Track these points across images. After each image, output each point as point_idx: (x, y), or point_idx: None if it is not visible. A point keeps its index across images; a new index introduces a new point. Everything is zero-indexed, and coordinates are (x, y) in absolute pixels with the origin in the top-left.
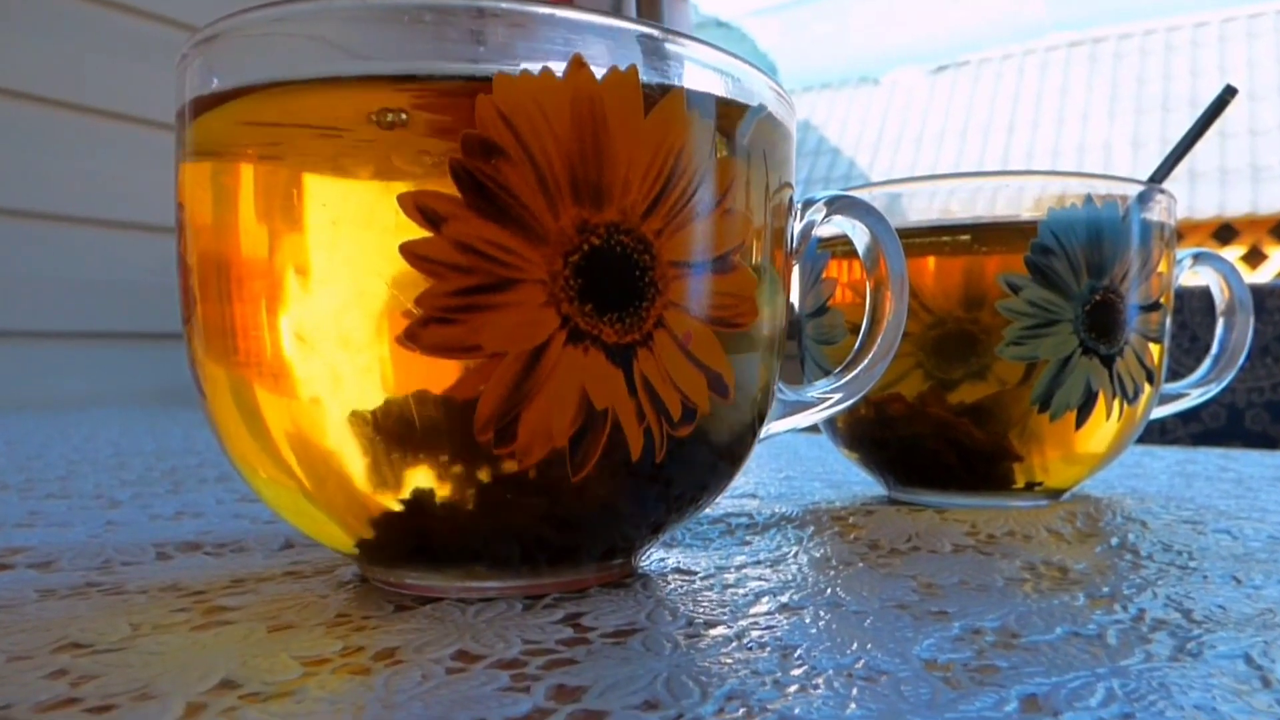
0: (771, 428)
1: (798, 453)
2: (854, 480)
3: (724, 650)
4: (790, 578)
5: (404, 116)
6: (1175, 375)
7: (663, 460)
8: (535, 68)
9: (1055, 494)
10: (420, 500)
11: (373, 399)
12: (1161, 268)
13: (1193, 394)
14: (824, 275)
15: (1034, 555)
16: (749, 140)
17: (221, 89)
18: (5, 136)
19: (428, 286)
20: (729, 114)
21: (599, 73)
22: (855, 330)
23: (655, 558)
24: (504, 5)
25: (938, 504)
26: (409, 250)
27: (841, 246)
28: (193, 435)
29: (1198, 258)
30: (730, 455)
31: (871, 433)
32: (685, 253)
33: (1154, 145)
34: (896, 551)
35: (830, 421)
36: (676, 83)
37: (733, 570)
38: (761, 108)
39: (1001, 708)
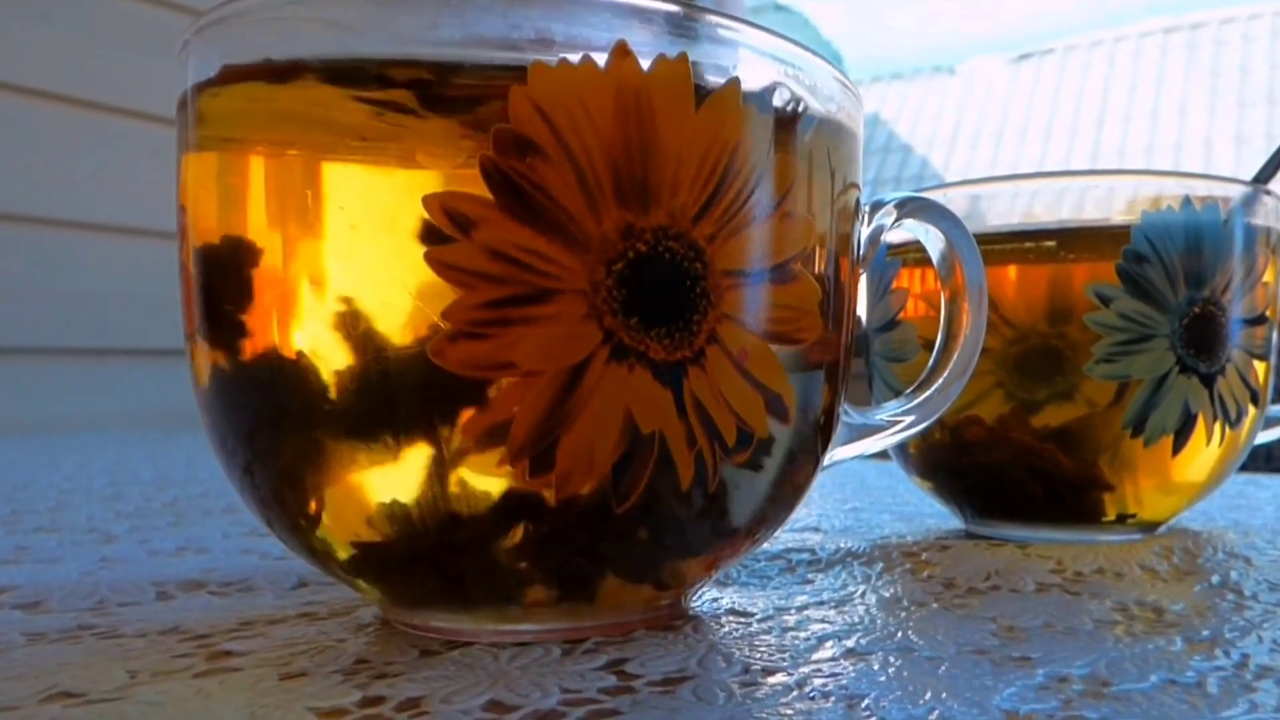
0: (836, 454)
1: (865, 482)
2: (927, 512)
3: (783, 700)
4: (857, 620)
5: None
6: None
7: (716, 490)
8: (575, 56)
9: (1150, 527)
10: (448, 534)
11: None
12: (1267, 277)
13: None
14: (894, 286)
15: (1126, 595)
16: (811, 137)
17: (228, 79)
18: None
19: (456, 298)
20: (789, 110)
21: (645, 62)
22: (928, 346)
23: (708, 598)
24: None
25: (1020, 538)
26: (435, 258)
27: (913, 254)
28: (196, 462)
29: None
30: (790, 484)
31: (947, 460)
32: (741, 260)
33: (1259, 141)
34: (974, 591)
35: (901, 447)
36: (731, 73)
37: (793, 611)
38: (825, 103)
39: None
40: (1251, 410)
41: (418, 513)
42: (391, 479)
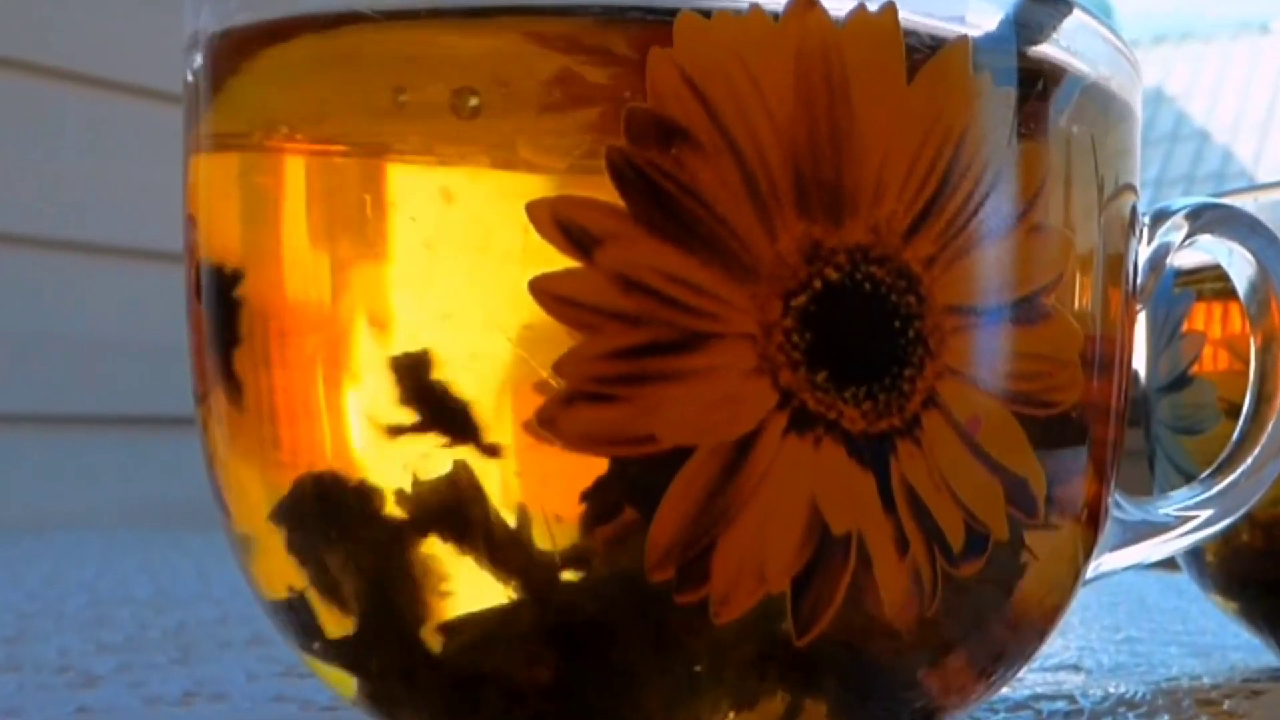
0: (1104, 562)
1: (1144, 601)
2: (1231, 644)
3: None
4: None
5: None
6: None
7: (936, 612)
8: (739, 5)
9: None
10: (563, 671)
11: (489, 516)
12: None
13: None
14: (1185, 328)
15: None
16: (1069, 119)
17: (251, 28)
18: None
19: (574, 345)
20: (1039, 80)
21: (837, 14)
22: (1233, 412)
23: None
24: None
25: None
26: (545, 289)
27: (1211, 283)
28: (209, 574)
29: None
30: (1040, 605)
31: (1259, 570)
32: (970, 292)
33: None
34: None
35: (1195, 554)
36: (957, 29)
37: None
38: (1089, 71)
39: None
40: None
41: (517, 641)
42: (479, 591)
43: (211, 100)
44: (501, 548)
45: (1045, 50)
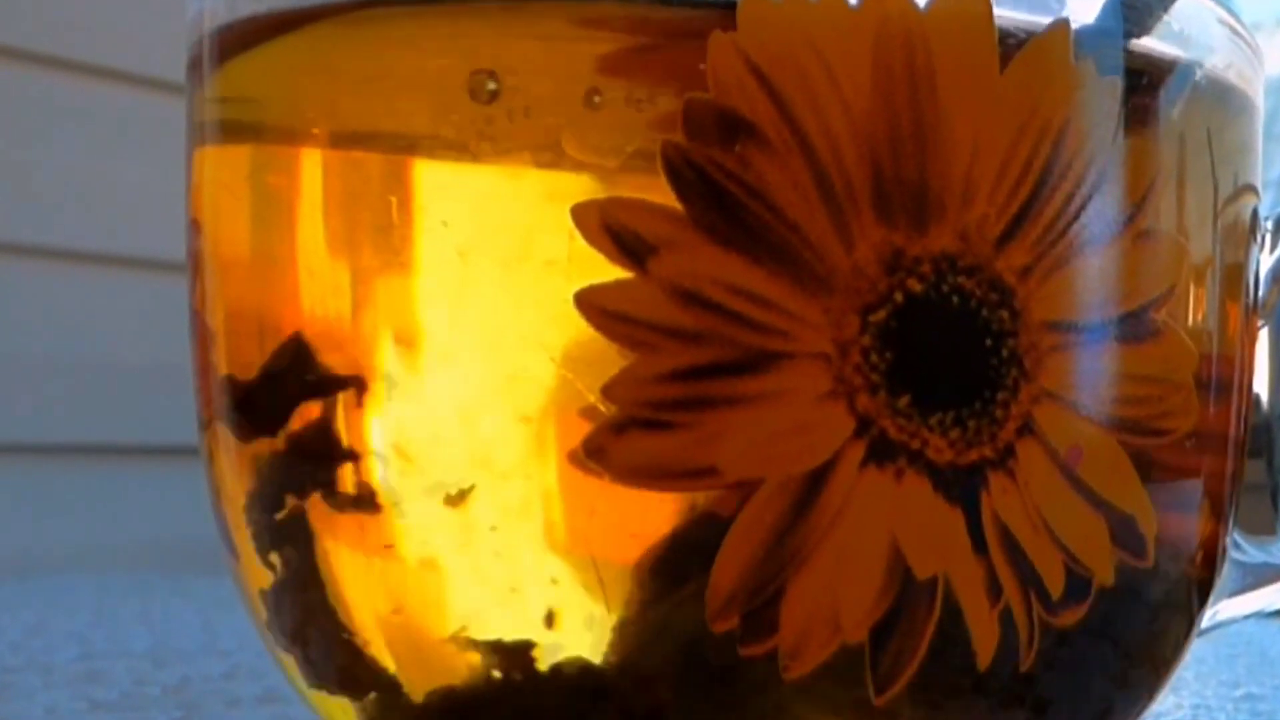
0: (1221, 610)
1: (1266, 654)
2: None
3: None
4: None
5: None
6: None
7: (1032, 666)
8: None
9: None
10: None
11: (529, 559)
12: None
13: None
14: None
15: None
16: (1181, 112)
17: (264, 17)
18: None
19: (625, 366)
20: (1147, 68)
21: None
22: None
23: None
24: None
25: None
26: (593, 302)
27: None
28: (215, 622)
29: None
30: (1149, 658)
31: None
32: (1071, 307)
33: None
34: None
35: None
36: (1054, 13)
37: None
38: (1204, 58)
39: None
40: None
41: (561, 697)
42: (519, 640)
43: (218, 89)
44: (544, 592)
45: (1155, 36)
